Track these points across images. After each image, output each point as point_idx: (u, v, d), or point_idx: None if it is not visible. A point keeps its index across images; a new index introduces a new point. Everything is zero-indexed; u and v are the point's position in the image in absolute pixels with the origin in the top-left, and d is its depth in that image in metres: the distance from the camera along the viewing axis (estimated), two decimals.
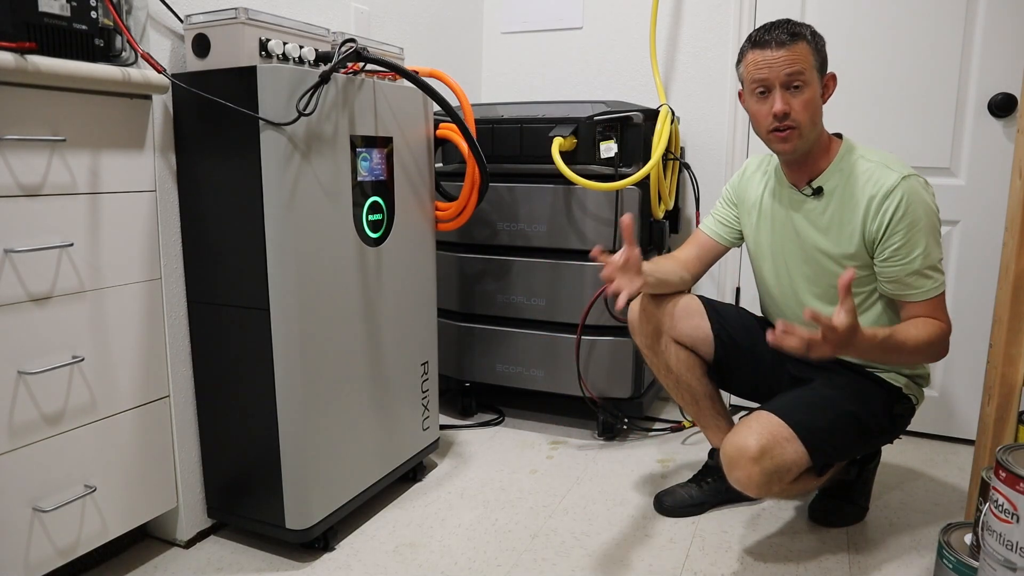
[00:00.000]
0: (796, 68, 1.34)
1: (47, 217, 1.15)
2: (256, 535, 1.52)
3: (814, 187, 1.44)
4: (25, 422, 1.14)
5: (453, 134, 1.77)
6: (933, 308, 1.38)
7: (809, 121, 1.37)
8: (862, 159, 1.41)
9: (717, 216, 1.66)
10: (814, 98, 1.37)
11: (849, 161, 1.42)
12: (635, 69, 2.39)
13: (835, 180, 1.42)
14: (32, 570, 1.16)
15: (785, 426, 1.34)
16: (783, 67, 1.34)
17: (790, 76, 1.34)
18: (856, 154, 1.43)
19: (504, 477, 1.83)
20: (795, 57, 1.34)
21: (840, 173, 1.42)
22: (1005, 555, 1.10)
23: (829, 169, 1.43)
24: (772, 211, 1.54)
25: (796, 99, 1.36)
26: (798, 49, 1.34)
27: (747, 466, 1.31)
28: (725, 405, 1.69)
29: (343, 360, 1.46)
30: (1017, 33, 1.87)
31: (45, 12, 1.09)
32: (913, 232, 1.34)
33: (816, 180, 1.44)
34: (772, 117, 1.37)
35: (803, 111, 1.36)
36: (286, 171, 1.29)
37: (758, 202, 1.57)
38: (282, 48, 1.35)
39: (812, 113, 1.37)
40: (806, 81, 1.35)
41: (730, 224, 1.65)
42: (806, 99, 1.36)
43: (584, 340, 1.99)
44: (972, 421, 1.99)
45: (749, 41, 1.40)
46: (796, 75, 1.34)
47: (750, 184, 1.60)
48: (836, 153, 1.44)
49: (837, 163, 1.43)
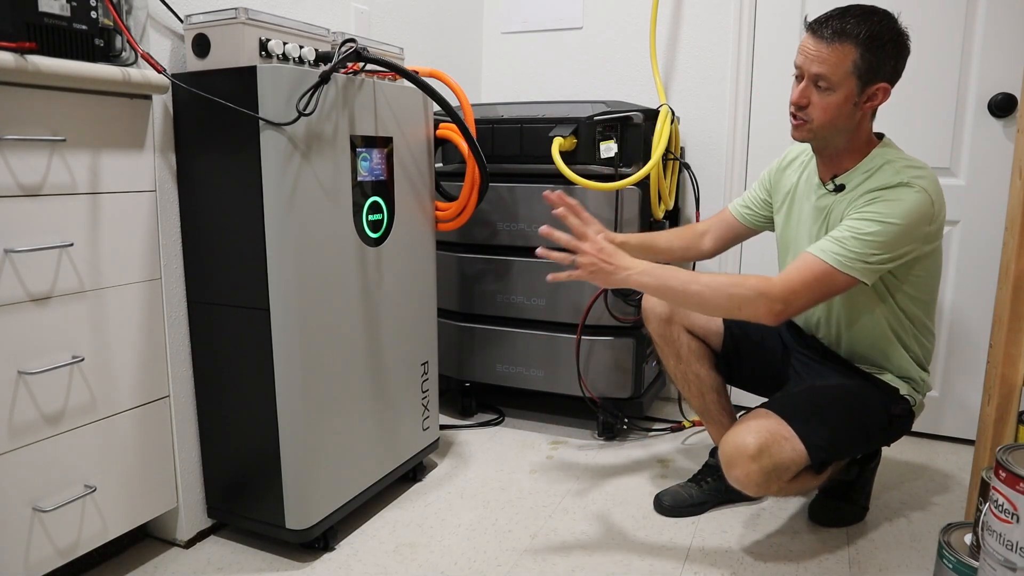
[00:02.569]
0: (823, 70, 1.29)
1: (47, 217, 1.15)
2: (256, 535, 1.52)
3: (836, 183, 1.41)
4: (25, 422, 1.14)
5: (453, 134, 1.77)
6: (798, 265, 1.29)
7: (826, 123, 1.34)
8: (889, 163, 1.36)
9: (746, 197, 1.66)
10: (838, 103, 1.31)
11: (877, 163, 1.38)
12: (635, 69, 2.39)
13: (857, 179, 1.39)
14: (32, 570, 1.16)
15: (784, 424, 1.34)
16: (813, 63, 1.31)
17: (815, 75, 1.31)
18: (886, 157, 1.37)
19: (504, 477, 1.83)
20: (828, 57, 1.29)
21: (865, 173, 1.38)
22: (1005, 555, 1.10)
23: (857, 167, 1.40)
24: (800, 204, 1.53)
25: (819, 97, 1.32)
26: (837, 50, 1.28)
27: (745, 464, 1.31)
28: (730, 402, 1.69)
29: (343, 360, 1.45)
30: (1017, 33, 1.87)
31: (45, 12, 1.09)
32: (874, 217, 1.28)
33: (840, 177, 1.42)
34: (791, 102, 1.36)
35: (821, 112, 1.33)
36: (286, 171, 1.29)
37: (791, 192, 1.55)
38: (282, 48, 1.35)
39: (832, 117, 1.33)
40: (832, 86, 1.30)
41: (755, 207, 1.64)
42: (828, 102, 1.32)
43: (584, 340, 1.99)
44: (972, 421, 1.99)
45: (810, 20, 1.34)
46: (820, 77, 1.30)
47: (786, 173, 1.58)
48: (867, 153, 1.40)
49: (866, 163, 1.39)
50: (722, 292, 1.29)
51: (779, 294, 1.27)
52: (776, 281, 1.28)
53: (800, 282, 1.27)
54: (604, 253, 1.32)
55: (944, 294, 2.05)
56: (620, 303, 1.95)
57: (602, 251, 1.32)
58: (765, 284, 1.28)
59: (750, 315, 1.29)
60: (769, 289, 1.27)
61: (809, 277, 1.27)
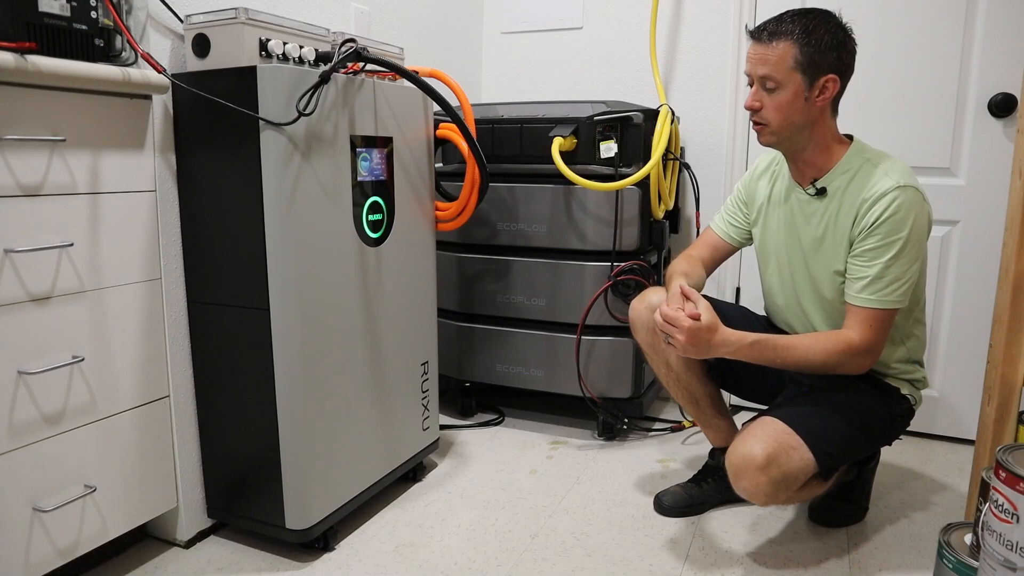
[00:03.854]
0: (766, 71, 1.33)
1: (47, 217, 1.15)
2: (256, 535, 1.52)
3: (818, 187, 1.42)
4: (25, 422, 1.14)
5: (453, 134, 1.77)
6: (861, 319, 1.35)
7: (783, 122, 1.36)
8: (868, 163, 1.38)
9: (727, 215, 1.66)
10: (789, 100, 1.33)
11: (856, 163, 1.39)
12: (635, 69, 2.39)
13: (839, 182, 1.40)
14: (32, 570, 1.16)
15: (792, 433, 1.32)
16: (757, 65, 1.34)
17: (762, 77, 1.34)
18: (864, 157, 1.39)
19: (504, 477, 1.83)
20: (769, 57, 1.32)
21: (846, 174, 1.39)
22: (1005, 555, 1.10)
23: (835, 169, 1.41)
24: (777, 211, 1.53)
25: (769, 99, 1.35)
26: (775, 48, 1.32)
27: (754, 476, 1.29)
28: (725, 404, 1.68)
29: (343, 360, 1.45)
30: (1017, 33, 1.87)
31: (45, 12, 1.09)
32: (891, 240, 1.32)
33: (820, 180, 1.42)
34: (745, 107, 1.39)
35: (774, 112, 1.35)
36: (286, 171, 1.29)
37: (765, 202, 1.56)
38: (282, 48, 1.35)
39: (787, 115, 1.35)
40: (778, 83, 1.33)
41: (739, 224, 1.63)
42: (779, 101, 1.34)
43: (584, 340, 1.99)
44: (972, 421, 1.99)
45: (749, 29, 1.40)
46: (767, 78, 1.33)
47: (759, 183, 1.59)
48: (843, 154, 1.41)
49: (844, 164, 1.40)
50: (818, 361, 1.35)
51: (864, 349, 1.35)
52: (854, 338, 1.35)
53: (871, 334, 1.35)
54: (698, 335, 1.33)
55: (944, 294, 2.05)
56: (620, 303, 1.95)
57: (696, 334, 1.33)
58: (847, 343, 1.34)
59: (846, 372, 1.38)
60: (857, 347, 1.35)
61: (876, 325, 1.35)
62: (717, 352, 1.35)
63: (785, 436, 1.32)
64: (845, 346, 1.34)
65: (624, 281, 1.93)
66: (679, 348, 1.35)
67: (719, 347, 1.34)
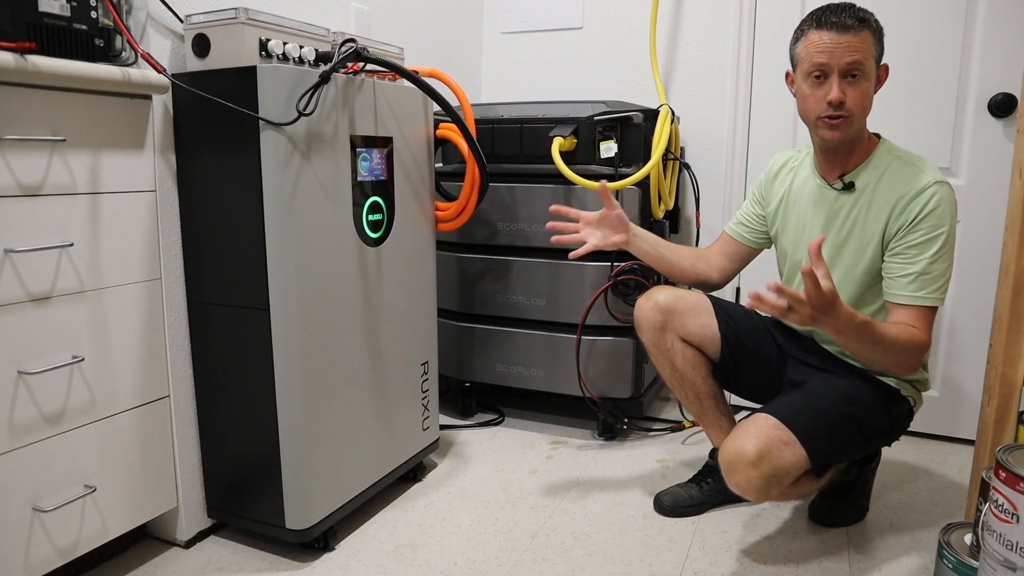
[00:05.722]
0: (857, 58, 1.30)
1: (47, 217, 1.15)
2: (256, 535, 1.52)
3: (845, 181, 1.41)
4: (25, 422, 1.14)
5: (453, 134, 1.77)
6: (917, 318, 1.34)
7: (863, 112, 1.35)
8: (898, 160, 1.38)
9: (740, 214, 1.65)
10: (869, 90, 1.33)
11: (885, 160, 1.39)
12: (635, 69, 2.39)
13: (868, 177, 1.39)
14: (32, 570, 1.16)
15: (784, 429, 1.33)
16: (845, 54, 1.30)
17: (850, 65, 1.30)
18: (893, 155, 1.40)
19: (504, 477, 1.83)
20: (859, 44, 1.29)
21: (875, 170, 1.39)
22: (1005, 555, 1.10)
23: (864, 164, 1.40)
24: (799, 208, 1.52)
25: (853, 88, 1.32)
26: (863, 37, 1.30)
27: (745, 470, 1.30)
28: (728, 405, 1.68)
29: (343, 360, 1.45)
30: (1017, 33, 1.87)
31: (45, 12, 1.09)
32: (934, 235, 1.32)
33: (848, 175, 1.41)
34: (827, 104, 1.33)
35: (858, 102, 1.33)
36: (286, 171, 1.29)
37: (784, 198, 1.55)
38: (282, 48, 1.35)
39: (866, 105, 1.34)
40: (865, 72, 1.31)
41: (752, 224, 1.63)
42: (862, 91, 1.32)
43: (584, 340, 1.99)
44: (972, 421, 1.99)
45: (812, 19, 1.34)
46: (856, 65, 1.30)
47: (776, 182, 1.58)
48: (872, 150, 1.41)
49: (873, 160, 1.40)
50: (904, 359, 1.33)
51: (927, 346, 1.34)
52: (924, 337, 1.33)
53: (927, 330, 1.34)
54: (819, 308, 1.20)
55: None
56: (620, 303, 1.95)
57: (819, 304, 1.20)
58: (921, 342, 1.32)
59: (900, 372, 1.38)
60: (925, 345, 1.33)
61: (930, 321, 1.34)
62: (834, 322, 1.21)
63: (777, 432, 1.32)
64: (919, 344, 1.32)
65: (624, 281, 1.93)
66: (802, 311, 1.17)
67: (839, 316, 1.21)
